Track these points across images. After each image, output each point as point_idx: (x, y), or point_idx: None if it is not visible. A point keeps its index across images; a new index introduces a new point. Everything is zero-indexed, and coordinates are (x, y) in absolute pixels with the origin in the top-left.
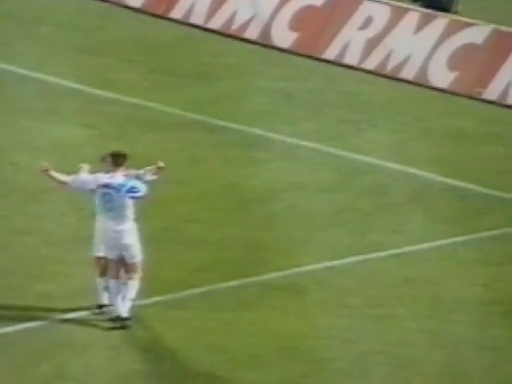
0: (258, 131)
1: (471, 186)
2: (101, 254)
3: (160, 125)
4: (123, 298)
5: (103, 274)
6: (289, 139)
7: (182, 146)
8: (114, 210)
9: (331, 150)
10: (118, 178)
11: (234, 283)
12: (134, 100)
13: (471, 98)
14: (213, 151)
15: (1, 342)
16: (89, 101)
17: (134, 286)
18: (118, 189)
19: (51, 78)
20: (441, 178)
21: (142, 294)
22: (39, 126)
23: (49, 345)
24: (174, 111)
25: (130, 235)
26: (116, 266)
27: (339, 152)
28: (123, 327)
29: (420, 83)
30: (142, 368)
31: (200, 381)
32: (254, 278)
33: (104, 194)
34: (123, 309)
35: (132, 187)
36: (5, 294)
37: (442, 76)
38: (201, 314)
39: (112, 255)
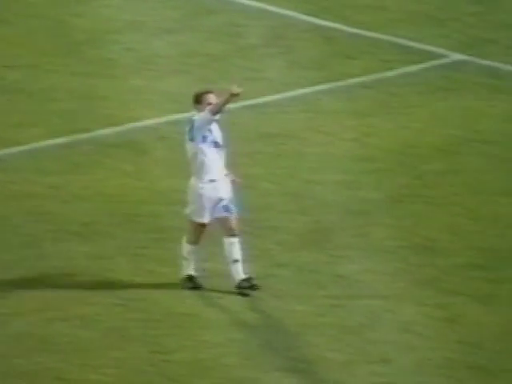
0: None
1: (338, 26)
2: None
3: None
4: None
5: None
6: None
7: None
8: None
9: None
10: None
11: (62, 140)
12: None
13: None
14: None
15: None
16: None
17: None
18: None
19: None
20: (303, 17)
21: None
22: None
23: None
24: None
25: None
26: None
27: None
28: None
29: None
30: None
31: (22, 253)
32: (86, 135)
33: None
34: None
35: None
36: None
37: None
38: (23, 176)
39: None
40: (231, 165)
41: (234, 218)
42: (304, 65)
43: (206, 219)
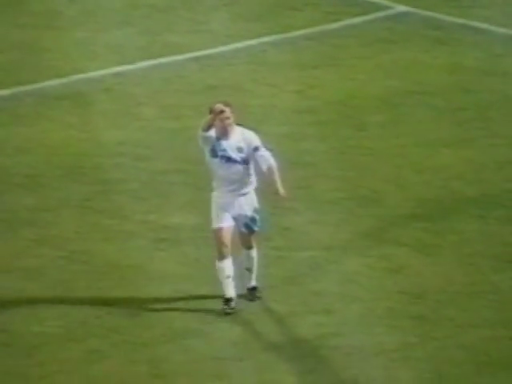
0: None
1: None
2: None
3: None
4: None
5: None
6: None
7: None
8: None
9: None
10: None
11: (5, 93)
12: None
13: None
14: None
15: None
16: None
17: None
18: None
19: None
20: None
21: None
22: None
23: None
24: None
25: None
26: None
27: None
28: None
29: None
30: None
31: None
32: (30, 87)
33: None
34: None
35: None
36: None
37: None
38: None
39: None
40: None
41: (252, 236)
42: (248, 17)
43: (221, 223)
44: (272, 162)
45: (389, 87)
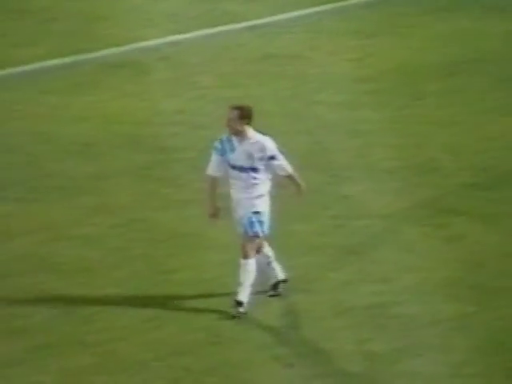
0: None
1: None
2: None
3: None
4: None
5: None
6: None
7: None
8: None
9: None
10: None
11: (63, 61)
12: None
13: None
14: None
15: None
16: None
17: None
18: None
19: None
20: None
21: None
22: None
23: None
24: None
25: None
26: None
27: None
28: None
29: None
30: None
31: (25, 172)
32: (88, 55)
33: None
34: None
35: None
36: None
37: None
38: (25, 96)
39: None
40: None
41: (249, 241)
42: None
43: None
44: (289, 169)
45: (446, 55)
